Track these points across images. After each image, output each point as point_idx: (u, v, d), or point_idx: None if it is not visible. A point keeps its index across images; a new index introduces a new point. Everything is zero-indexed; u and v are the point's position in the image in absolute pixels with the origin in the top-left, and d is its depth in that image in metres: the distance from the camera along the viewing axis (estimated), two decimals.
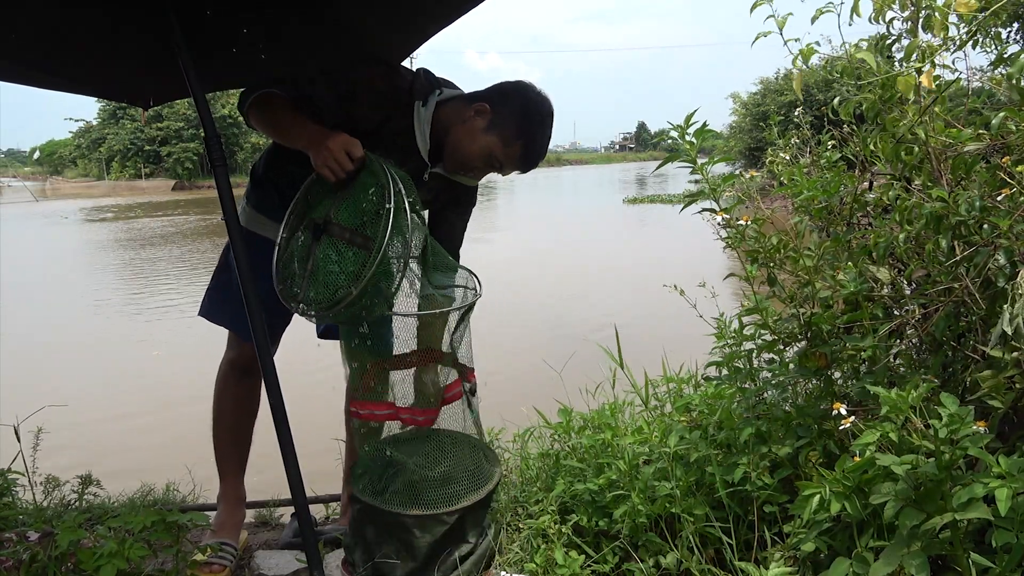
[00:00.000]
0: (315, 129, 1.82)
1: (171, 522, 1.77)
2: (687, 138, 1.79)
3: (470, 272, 1.97)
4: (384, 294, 1.69)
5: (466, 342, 1.89)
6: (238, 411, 2.27)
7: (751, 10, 1.80)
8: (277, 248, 1.85)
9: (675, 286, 2.17)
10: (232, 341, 2.23)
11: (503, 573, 1.91)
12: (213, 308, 2.19)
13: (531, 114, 1.92)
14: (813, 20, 1.76)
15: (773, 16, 1.76)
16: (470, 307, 1.87)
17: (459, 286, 1.95)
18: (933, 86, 1.57)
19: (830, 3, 1.72)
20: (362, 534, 1.78)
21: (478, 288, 1.93)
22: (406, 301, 1.79)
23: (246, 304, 1.73)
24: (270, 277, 1.88)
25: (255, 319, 1.71)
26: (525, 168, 1.99)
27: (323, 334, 2.29)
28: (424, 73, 2.01)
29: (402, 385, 1.85)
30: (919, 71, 1.56)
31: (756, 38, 1.83)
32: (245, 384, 2.22)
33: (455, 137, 1.93)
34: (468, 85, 2.08)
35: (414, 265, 1.77)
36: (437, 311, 1.82)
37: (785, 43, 1.75)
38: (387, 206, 1.64)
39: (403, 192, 1.68)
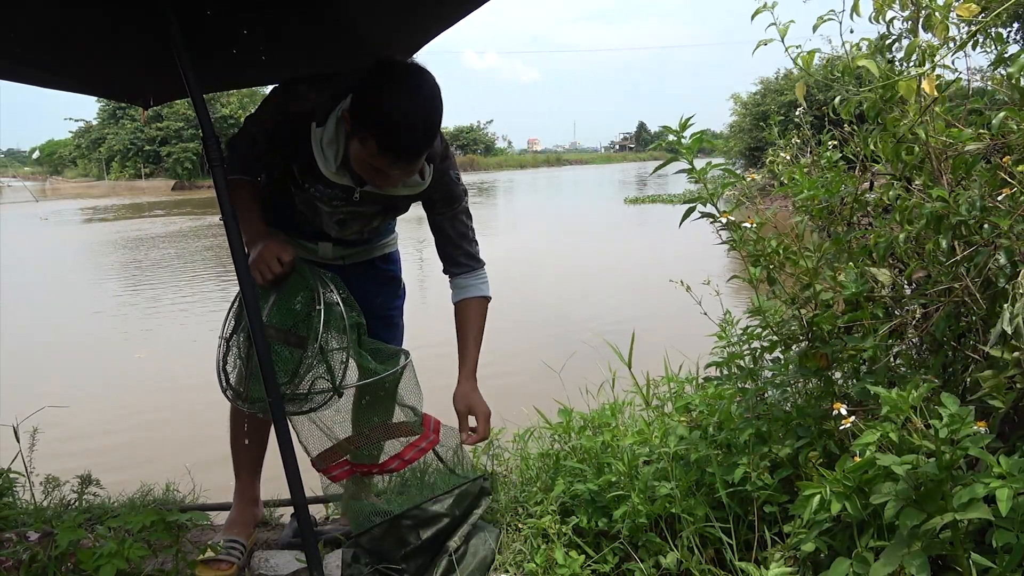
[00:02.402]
0: (257, 230, 1.87)
1: (171, 522, 1.77)
2: (683, 142, 1.78)
3: (402, 351, 2.05)
4: (330, 381, 1.80)
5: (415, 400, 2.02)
6: (253, 415, 2.28)
7: (752, 17, 1.78)
8: (218, 348, 1.91)
9: (681, 281, 2.16)
10: None
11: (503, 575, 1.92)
12: None
13: (379, 101, 1.62)
14: (815, 28, 1.76)
15: (775, 24, 1.75)
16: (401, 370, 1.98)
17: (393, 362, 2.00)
18: (936, 93, 1.56)
19: (831, 11, 1.72)
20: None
21: (404, 358, 2.02)
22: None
23: (245, 301, 1.73)
24: None
25: (253, 316, 1.72)
26: (400, 161, 1.69)
27: None
28: (336, 85, 1.79)
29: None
30: (922, 76, 1.55)
31: (757, 46, 1.82)
32: None
33: (349, 152, 1.78)
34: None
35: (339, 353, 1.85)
36: (372, 379, 1.91)
37: (787, 50, 1.75)
38: (318, 307, 1.78)
39: (334, 290, 1.82)
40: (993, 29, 1.66)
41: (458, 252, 2.03)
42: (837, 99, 1.91)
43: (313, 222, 2.04)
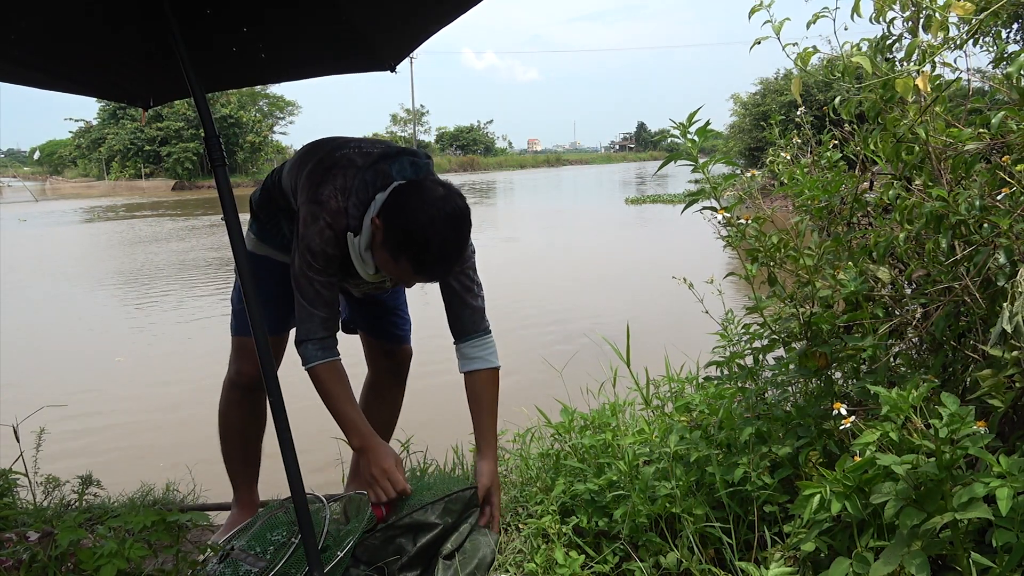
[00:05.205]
0: (362, 433, 1.87)
1: (171, 522, 1.77)
2: (689, 136, 1.78)
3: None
4: None
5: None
6: (245, 429, 2.30)
7: (749, 15, 1.78)
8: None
9: (684, 279, 2.16)
10: (233, 359, 2.24)
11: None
12: (240, 324, 2.20)
13: (416, 227, 1.67)
14: (808, 25, 1.76)
15: (770, 21, 1.74)
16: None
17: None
18: (928, 89, 1.56)
19: (825, 8, 1.72)
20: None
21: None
22: None
23: (245, 299, 1.73)
24: (274, 280, 2.03)
25: (254, 315, 1.72)
26: (429, 279, 1.81)
27: (346, 328, 2.31)
28: (358, 188, 1.79)
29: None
30: (918, 72, 1.55)
31: (753, 45, 1.82)
32: (249, 400, 2.25)
33: (373, 252, 1.81)
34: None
35: None
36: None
37: (784, 47, 1.74)
38: (293, 540, 1.85)
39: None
40: (993, 28, 1.66)
41: (465, 309, 1.97)
42: (837, 99, 1.91)
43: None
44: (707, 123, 1.77)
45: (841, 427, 1.62)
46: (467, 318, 1.98)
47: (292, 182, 1.94)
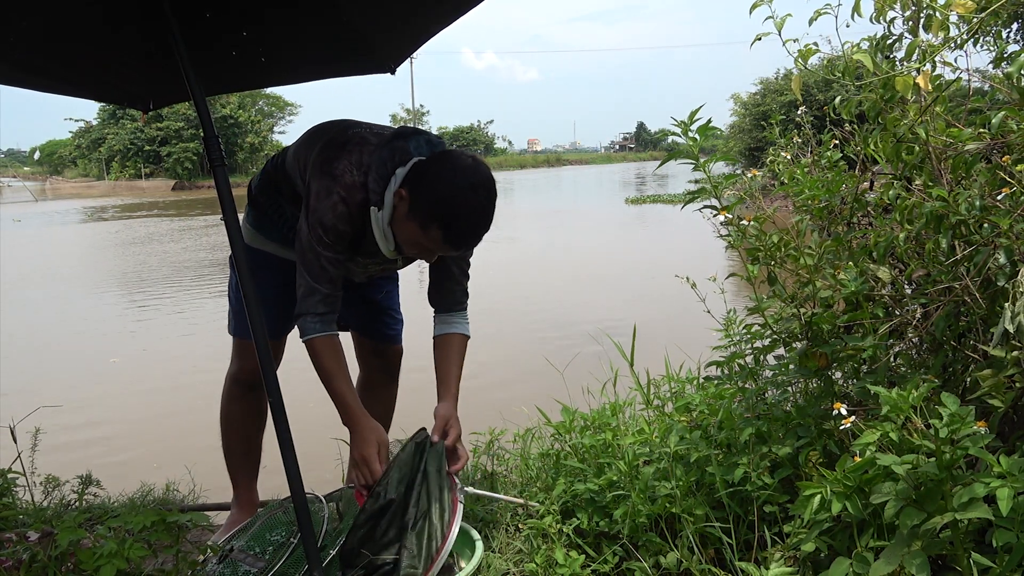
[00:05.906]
0: (352, 414, 1.85)
1: (171, 522, 1.77)
2: (690, 135, 1.78)
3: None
4: None
5: None
6: (247, 423, 2.30)
7: (750, 11, 1.78)
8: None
9: (687, 278, 2.16)
10: (234, 357, 2.24)
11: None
12: (239, 324, 2.20)
13: (447, 195, 1.67)
14: (811, 22, 1.76)
15: (772, 17, 1.74)
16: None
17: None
18: (930, 87, 1.56)
19: (828, 4, 1.71)
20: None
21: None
22: None
23: (245, 302, 1.73)
24: (272, 281, 2.01)
25: (254, 317, 1.72)
26: (456, 249, 1.79)
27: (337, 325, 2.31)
28: (378, 163, 1.78)
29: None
30: (918, 71, 1.55)
31: (754, 40, 1.82)
32: (250, 397, 2.25)
33: (395, 226, 1.80)
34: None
35: None
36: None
37: (784, 44, 1.74)
38: (292, 540, 1.85)
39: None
40: (993, 27, 1.66)
41: (458, 288, 2.02)
42: (837, 99, 1.91)
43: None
44: (708, 121, 1.77)
45: (841, 427, 1.61)
46: (458, 296, 2.04)
47: (300, 162, 1.92)
